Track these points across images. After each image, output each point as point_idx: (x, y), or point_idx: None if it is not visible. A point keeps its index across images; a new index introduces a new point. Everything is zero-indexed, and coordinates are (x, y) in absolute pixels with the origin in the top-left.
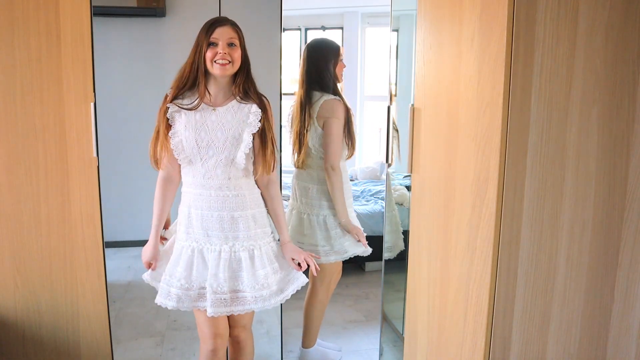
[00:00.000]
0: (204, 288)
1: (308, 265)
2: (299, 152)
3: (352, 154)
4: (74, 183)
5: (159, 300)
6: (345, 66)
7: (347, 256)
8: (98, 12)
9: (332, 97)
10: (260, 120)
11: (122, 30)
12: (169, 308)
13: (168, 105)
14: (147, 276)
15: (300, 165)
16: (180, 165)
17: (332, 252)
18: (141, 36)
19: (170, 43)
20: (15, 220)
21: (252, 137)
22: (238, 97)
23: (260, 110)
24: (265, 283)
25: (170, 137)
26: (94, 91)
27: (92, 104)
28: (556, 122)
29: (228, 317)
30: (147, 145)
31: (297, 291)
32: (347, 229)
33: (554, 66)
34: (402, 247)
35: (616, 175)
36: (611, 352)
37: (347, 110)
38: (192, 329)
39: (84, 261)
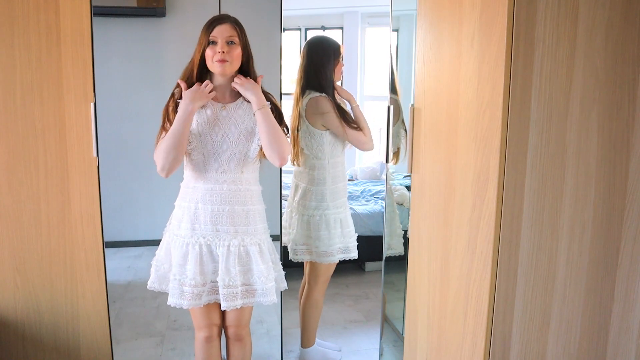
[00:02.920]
0: (214, 282)
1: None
2: (294, 151)
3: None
4: (74, 183)
5: (172, 301)
6: (343, 65)
7: (353, 255)
8: (98, 12)
9: (317, 94)
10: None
11: (122, 30)
12: (185, 307)
13: (178, 101)
14: (153, 284)
15: (295, 164)
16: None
17: (337, 251)
18: (141, 36)
19: (170, 43)
20: (15, 220)
21: None
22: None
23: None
24: (270, 276)
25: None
26: (94, 91)
27: (92, 104)
28: (556, 122)
29: (228, 315)
30: (148, 145)
31: (295, 291)
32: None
33: (554, 66)
34: (401, 252)
35: (616, 175)
36: (611, 352)
37: (337, 106)
38: (192, 329)
39: (84, 261)
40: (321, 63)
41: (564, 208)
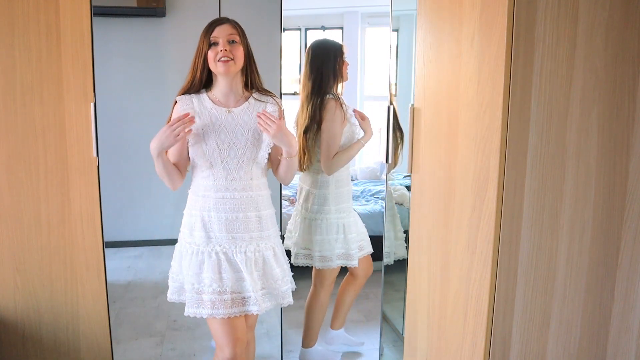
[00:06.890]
0: (235, 293)
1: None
2: (302, 155)
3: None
4: (74, 183)
5: (190, 311)
6: (348, 64)
7: (353, 264)
8: (98, 12)
9: (327, 96)
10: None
11: (122, 30)
12: (204, 317)
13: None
14: (172, 295)
15: (304, 168)
16: (184, 168)
17: (336, 257)
18: (141, 36)
19: (170, 43)
20: (15, 220)
21: None
22: (253, 97)
23: (275, 110)
24: (286, 279)
25: (188, 142)
26: (94, 91)
27: (92, 104)
28: (556, 122)
29: None
30: (147, 144)
31: (298, 291)
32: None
33: (554, 66)
34: (404, 255)
35: (616, 175)
36: (611, 352)
37: (343, 110)
38: (192, 329)
39: (84, 261)
40: (328, 63)
41: (564, 208)
